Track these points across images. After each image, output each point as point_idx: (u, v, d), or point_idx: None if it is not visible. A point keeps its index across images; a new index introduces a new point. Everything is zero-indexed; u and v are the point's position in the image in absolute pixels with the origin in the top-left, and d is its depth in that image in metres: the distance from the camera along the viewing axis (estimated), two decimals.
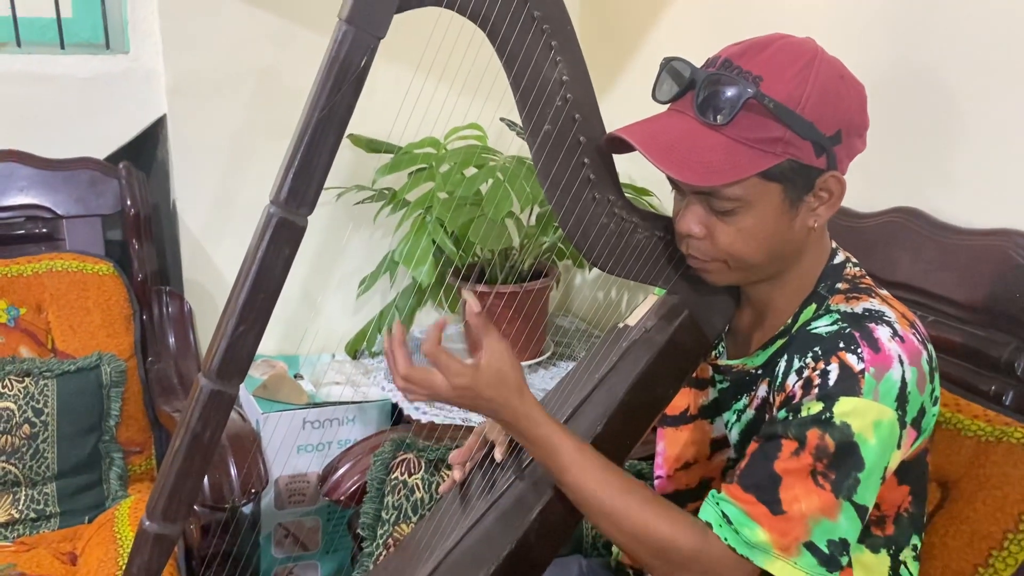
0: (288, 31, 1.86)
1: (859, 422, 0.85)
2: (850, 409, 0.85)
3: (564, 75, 0.89)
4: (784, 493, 0.87)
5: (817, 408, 0.86)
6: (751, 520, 0.87)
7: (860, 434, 0.85)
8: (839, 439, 0.85)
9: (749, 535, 0.87)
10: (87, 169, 1.77)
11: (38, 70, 1.77)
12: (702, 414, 1.12)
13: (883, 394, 0.86)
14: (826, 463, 0.86)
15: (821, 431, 0.86)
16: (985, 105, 1.25)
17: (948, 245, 1.25)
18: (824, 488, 0.86)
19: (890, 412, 0.86)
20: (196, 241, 1.92)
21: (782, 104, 0.84)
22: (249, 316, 0.84)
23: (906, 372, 0.87)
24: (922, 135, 1.33)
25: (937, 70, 1.31)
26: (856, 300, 0.93)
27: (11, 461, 1.55)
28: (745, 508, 0.88)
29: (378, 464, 1.23)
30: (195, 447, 0.86)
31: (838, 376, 0.86)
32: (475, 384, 0.90)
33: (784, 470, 0.87)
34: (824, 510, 0.86)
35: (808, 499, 0.86)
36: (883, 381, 0.86)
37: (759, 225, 0.90)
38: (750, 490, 0.88)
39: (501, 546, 0.95)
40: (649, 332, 1.04)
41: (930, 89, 1.32)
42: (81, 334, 1.69)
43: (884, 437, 0.86)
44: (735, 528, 0.88)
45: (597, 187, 0.95)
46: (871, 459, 0.86)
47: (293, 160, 0.82)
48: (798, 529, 0.86)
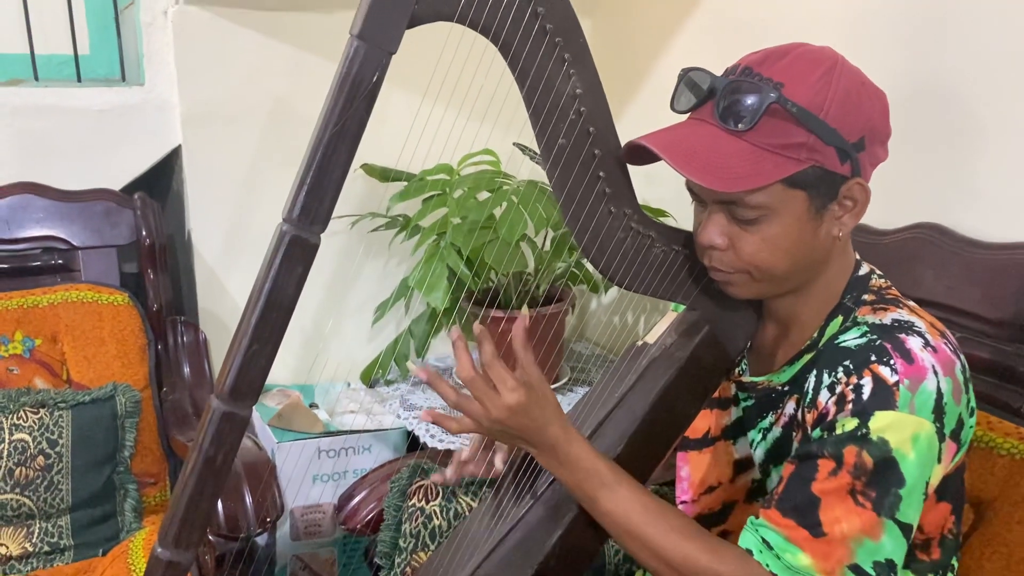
0: (301, 60, 1.87)
1: (896, 436, 0.83)
2: (886, 424, 0.83)
3: (577, 88, 0.88)
4: (824, 515, 0.84)
5: (852, 424, 0.84)
6: (792, 545, 0.85)
7: (898, 449, 0.83)
8: (877, 455, 0.83)
9: (791, 560, 0.84)
10: (102, 200, 1.78)
11: (54, 103, 1.78)
12: (724, 435, 1.09)
13: (919, 406, 0.83)
14: (865, 481, 0.83)
15: (858, 448, 0.83)
16: (1005, 116, 1.23)
17: (972, 260, 1.23)
18: (865, 507, 0.83)
19: (928, 424, 0.84)
20: (211, 271, 1.92)
21: (805, 108, 0.83)
22: (262, 335, 0.83)
23: (941, 383, 0.85)
24: (941, 149, 1.32)
25: (954, 83, 1.30)
26: (884, 311, 0.91)
27: (25, 493, 1.53)
28: (785, 533, 0.85)
29: (395, 491, 1.21)
30: (207, 471, 0.84)
31: (872, 390, 0.84)
32: (528, 401, 0.88)
33: (823, 491, 0.84)
34: (866, 530, 0.83)
35: (849, 520, 0.83)
36: (918, 393, 0.83)
37: (784, 234, 0.88)
38: (789, 514, 0.86)
39: (522, 571, 0.92)
40: (669, 349, 1.02)
41: (948, 102, 1.31)
42: (96, 365, 1.68)
43: (923, 451, 0.84)
44: (776, 554, 0.85)
45: (613, 200, 0.94)
46: (911, 474, 0.83)
47: (306, 177, 0.82)
48: (840, 551, 0.83)
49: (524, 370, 0.89)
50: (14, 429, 1.54)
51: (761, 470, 1.04)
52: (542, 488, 1.01)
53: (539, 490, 1.01)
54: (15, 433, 1.54)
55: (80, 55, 2.04)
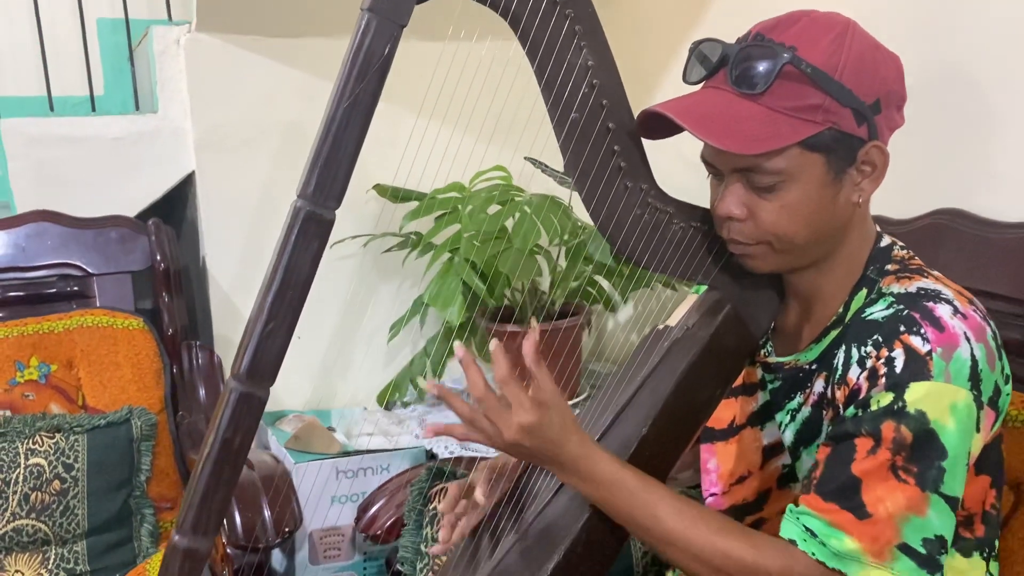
0: (313, 86, 1.89)
1: (934, 407, 0.80)
2: (923, 395, 0.80)
3: (589, 60, 0.88)
4: (867, 496, 0.81)
5: (888, 399, 0.81)
6: (837, 530, 0.82)
7: (937, 420, 0.80)
8: (916, 428, 0.80)
9: (837, 545, 0.81)
10: (117, 227, 1.79)
11: (69, 132, 1.80)
12: (750, 422, 1.06)
13: (955, 375, 0.81)
14: (905, 456, 0.80)
15: (895, 423, 0.80)
16: (1018, 99, 1.22)
17: (995, 240, 1.21)
18: (908, 483, 0.80)
19: (964, 393, 0.81)
20: (226, 296, 1.92)
21: (820, 69, 0.82)
22: (278, 313, 0.82)
23: (975, 349, 0.82)
24: (956, 135, 1.31)
25: (966, 69, 1.29)
26: (908, 280, 0.89)
27: (41, 518, 1.51)
28: (828, 518, 0.82)
29: (415, 494, 1.18)
30: (225, 454, 0.82)
31: (904, 362, 0.81)
32: (541, 423, 0.86)
33: (863, 471, 0.81)
34: (912, 507, 0.80)
35: (893, 498, 0.80)
36: (952, 361, 0.81)
37: (803, 200, 0.86)
38: (830, 498, 0.83)
39: (548, 558, 0.89)
40: (691, 330, 1.00)
41: (960, 88, 1.30)
42: (111, 389, 1.67)
43: (963, 420, 0.81)
44: (821, 540, 0.82)
45: (629, 175, 0.92)
46: (953, 445, 0.80)
47: (319, 152, 0.81)
48: (888, 532, 0.80)
49: (539, 388, 0.87)
50: (30, 454, 1.52)
51: (792, 454, 1.01)
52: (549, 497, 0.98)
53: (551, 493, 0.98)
54: (31, 458, 1.52)
55: (95, 95, 2.08)
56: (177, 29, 1.82)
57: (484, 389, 0.87)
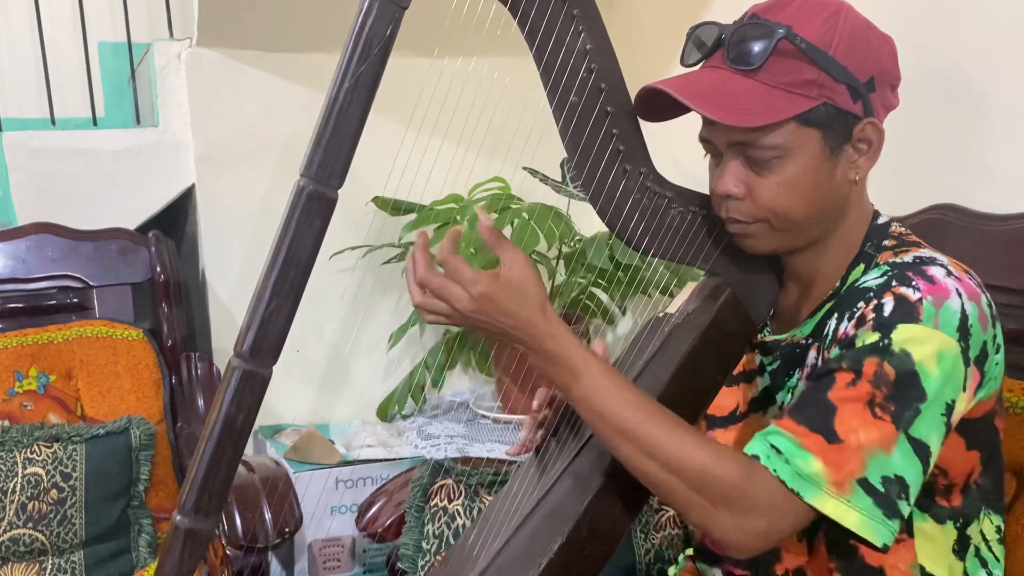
0: (313, 100, 1.90)
1: (920, 351, 0.80)
2: (909, 336, 0.80)
3: (588, 44, 0.89)
4: (840, 424, 0.81)
5: (873, 337, 0.82)
6: (804, 450, 0.81)
7: (922, 363, 0.80)
8: (899, 367, 0.80)
9: (802, 466, 0.81)
10: (117, 239, 1.79)
11: (71, 145, 1.82)
12: (752, 408, 1.06)
13: (944, 323, 0.81)
14: (886, 393, 0.80)
15: (879, 359, 0.81)
16: (1010, 96, 1.24)
17: (992, 233, 1.22)
18: (883, 420, 0.80)
19: (954, 343, 0.81)
20: (225, 309, 1.92)
21: (814, 45, 0.84)
22: (281, 291, 0.82)
23: (965, 305, 0.83)
24: (950, 132, 1.32)
25: (959, 67, 1.31)
26: (905, 252, 0.90)
27: (38, 528, 1.50)
28: (797, 439, 0.82)
29: (416, 491, 1.17)
30: (227, 433, 0.82)
31: (894, 306, 0.82)
32: (494, 293, 0.83)
33: (839, 399, 0.81)
34: (882, 443, 0.80)
35: (867, 430, 0.80)
36: (943, 309, 0.81)
37: (800, 176, 0.87)
38: (802, 422, 0.82)
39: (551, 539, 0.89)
40: (691, 315, 1.00)
41: (954, 86, 1.32)
42: (111, 399, 1.67)
43: (948, 370, 0.81)
44: (786, 459, 0.81)
45: (628, 159, 0.93)
46: (933, 391, 0.80)
47: (323, 132, 0.82)
48: (853, 462, 0.80)
49: (505, 264, 0.85)
50: (27, 463, 1.51)
51: None
52: (566, 462, 0.98)
53: (563, 466, 0.98)
54: (28, 467, 1.51)
55: (97, 116, 2.10)
56: (178, 44, 1.85)
57: (424, 269, 0.85)
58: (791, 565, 0.97)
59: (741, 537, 0.83)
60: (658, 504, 1.31)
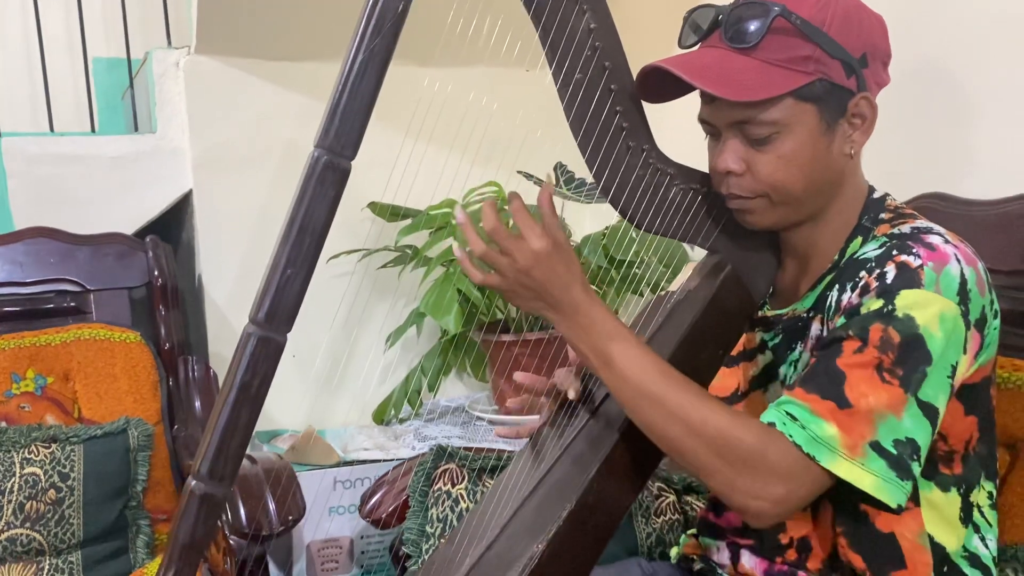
0: (310, 107, 1.93)
1: (923, 314, 0.83)
2: (912, 301, 0.83)
3: (592, 23, 0.92)
4: (850, 390, 0.83)
5: (877, 304, 0.84)
6: (817, 416, 0.84)
7: (925, 327, 0.83)
8: (904, 331, 0.83)
9: (816, 430, 0.83)
10: (115, 243, 1.80)
11: (69, 151, 1.83)
12: (754, 385, 1.08)
13: (944, 287, 0.84)
14: (892, 357, 0.83)
15: (884, 325, 0.83)
16: (992, 87, 1.29)
17: (979, 218, 1.25)
18: (891, 384, 0.83)
19: (954, 306, 0.84)
20: (222, 314, 1.93)
21: (808, 21, 0.87)
22: (296, 259, 0.84)
23: (964, 270, 0.86)
24: (936, 124, 1.37)
25: (942, 63, 1.36)
26: (903, 223, 0.93)
27: (36, 528, 1.49)
28: (810, 406, 0.84)
29: (420, 475, 1.18)
30: (243, 398, 0.83)
31: (896, 273, 0.85)
32: (553, 254, 0.87)
33: (848, 365, 0.84)
34: (892, 406, 0.82)
35: (876, 394, 0.82)
36: (943, 275, 0.84)
37: (798, 150, 0.90)
38: (813, 390, 0.85)
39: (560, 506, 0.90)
40: (693, 291, 1.02)
41: (939, 81, 1.36)
42: (108, 400, 1.67)
43: (949, 331, 0.84)
44: (801, 425, 0.84)
45: (631, 136, 0.96)
46: (938, 353, 0.83)
47: (337, 104, 0.84)
48: (864, 425, 0.82)
49: (551, 229, 0.89)
50: (25, 463, 1.51)
51: None
52: (570, 439, 0.99)
53: (568, 440, 0.99)
54: (26, 467, 1.51)
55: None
56: (176, 52, 1.87)
57: (495, 221, 0.88)
58: (796, 534, 0.98)
59: (760, 504, 0.85)
60: (657, 490, 1.32)
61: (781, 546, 0.99)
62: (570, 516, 0.90)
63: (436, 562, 1.01)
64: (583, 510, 0.91)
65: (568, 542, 0.90)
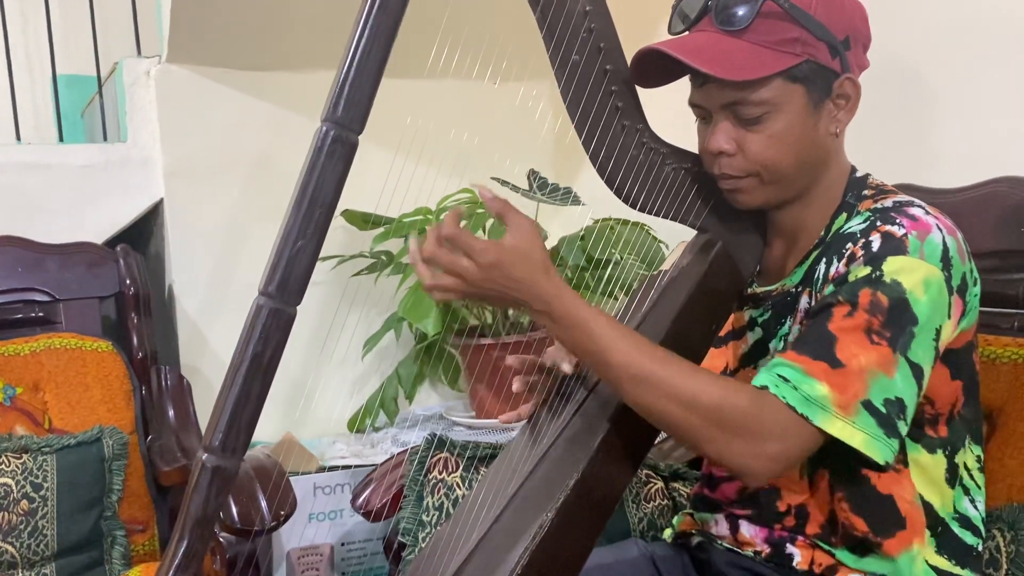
0: (281, 117, 1.94)
1: (909, 279, 0.87)
2: (899, 267, 0.87)
3: (587, 6, 0.96)
4: (841, 351, 0.87)
5: (865, 271, 0.88)
6: (809, 376, 0.87)
7: (911, 291, 0.87)
8: (891, 295, 0.87)
9: (808, 390, 0.86)
10: (85, 253, 1.77)
11: (37, 159, 1.81)
12: (744, 363, 1.11)
13: (928, 254, 0.89)
14: (881, 320, 0.86)
15: (872, 289, 0.87)
16: (954, 82, 1.36)
17: (946, 205, 1.29)
18: (880, 344, 0.86)
19: (938, 272, 0.89)
20: (193, 324, 1.91)
21: (796, 5, 0.91)
22: (307, 231, 0.85)
23: (946, 239, 0.90)
24: (902, 119, 1.43)
25: (908, 61, 1.42)
26: (885, 199, 0.97)
27: (8, 540, 1.45)
28: (802, 367, 0.87)
29: (414, 464, 1.18)
30: (254, 369, 0.83)
31: (882, 242, 0.89)
32: (501, 261, 0.86)
33: (839, 329, 0.87)
34: (882, 365, 0.86)
35: (867, 354, 0.86)
36: (926, 243, 0.89)
37: (788, 129, 0.94)
38: (804, 351, 0.88)
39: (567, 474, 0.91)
40: (685, 268, 1.05)
41: (905, 79, 1.43)
42: (80, 410, 1.63)
43: (934, 296, 0.88)
44: (793, 385, 0.87)
45: (626, 116, 0.99)
46: (924, 315, 0.87)
47: (345, 79, 0.85)
48: (856, 384, 0.86)
49: (511, 230, 0.89)
50: None
51: None
52: (570, 414, 1.00)
53: (567, 417, 1.01)
54: None
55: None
56: (147, 61, 1.86)
57: (434, 246, 0.88)
58: (793, 502, 1.01)
59: (755, 463, 0.88)
60: (645, 477, 1.34)
61: (779, 513, 1.01)
62: (577, 485, 0.91)
63: (438, 545, 1.00)
64: (589, 479, 0.92)
65: (575, 511, 0.91)
